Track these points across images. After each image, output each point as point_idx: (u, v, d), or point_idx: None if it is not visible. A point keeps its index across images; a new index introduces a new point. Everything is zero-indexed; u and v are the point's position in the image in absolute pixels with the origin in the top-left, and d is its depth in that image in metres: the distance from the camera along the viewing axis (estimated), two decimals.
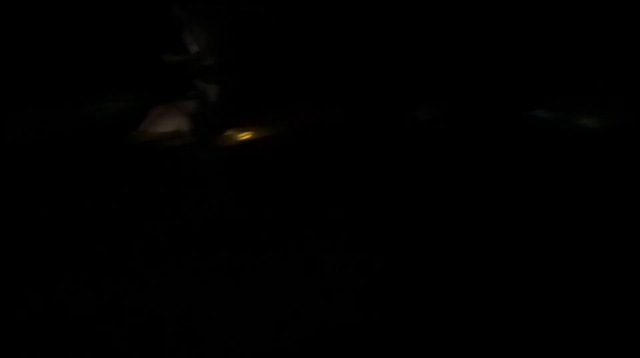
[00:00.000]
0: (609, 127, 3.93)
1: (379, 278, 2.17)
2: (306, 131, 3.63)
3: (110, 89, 3.97)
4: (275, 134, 3.57)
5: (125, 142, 3.32)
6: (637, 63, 4.26)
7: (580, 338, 1.89)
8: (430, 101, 3.80)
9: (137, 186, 2.95)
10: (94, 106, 3.76)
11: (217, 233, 2.51)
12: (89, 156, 3.25)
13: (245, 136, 3.55)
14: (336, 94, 4.07)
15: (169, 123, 3.48)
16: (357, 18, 4.24)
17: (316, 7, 4.42)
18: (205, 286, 2.11)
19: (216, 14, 3.94)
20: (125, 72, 4.02)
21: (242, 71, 4.27)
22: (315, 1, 4.43)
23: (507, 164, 3.39)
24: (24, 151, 3.22)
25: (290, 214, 2.67)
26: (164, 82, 3.94)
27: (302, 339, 1.85)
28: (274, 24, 4.41)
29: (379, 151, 3.42)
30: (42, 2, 3.78)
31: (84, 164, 3.16)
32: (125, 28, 4.12)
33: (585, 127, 3.97)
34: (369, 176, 3.08)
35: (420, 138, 3.61)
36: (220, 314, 1.95)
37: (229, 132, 3.54)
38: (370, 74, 4.12)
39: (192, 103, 3.81)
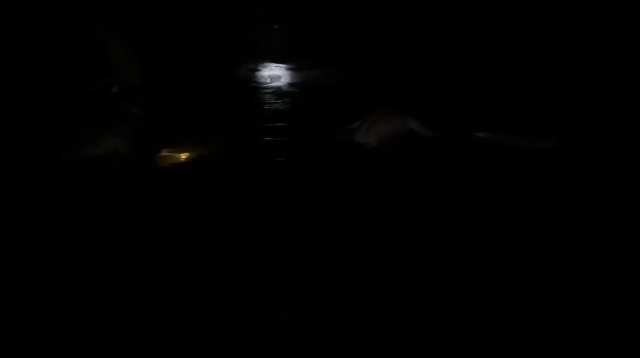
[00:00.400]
0: (545, 148, 4.08)
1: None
2: (242, 148, 3.73)
3: (40, 108, 3.97)
4: (210, 152, 3.64)
5: (59, 161, 3.39)
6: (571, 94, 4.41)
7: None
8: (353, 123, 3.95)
9: (78, 204, 3.04)
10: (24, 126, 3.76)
11: (165, 249, 2.61)
12: (25, 175, 3.32)
13: (183, 155, 3.62)
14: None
15: (105, 144, 3.54)
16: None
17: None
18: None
19: (134, 35, 3.95)
20: (50, 93, 4.01)
21: (167, 91, 4.32)
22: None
23: (454, 178, 3.50)
24: None
25: (239, 226, 2.80)
26: (89, 103, 3.94)
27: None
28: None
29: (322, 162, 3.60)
30: None
31: (21, 183, 3.24)
32: (47, 48, 4.10)
33: (523, 147, 4.10)
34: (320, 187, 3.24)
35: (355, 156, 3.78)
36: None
37: (165, 152, 3.62)
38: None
39: (124, 123, 3.83)
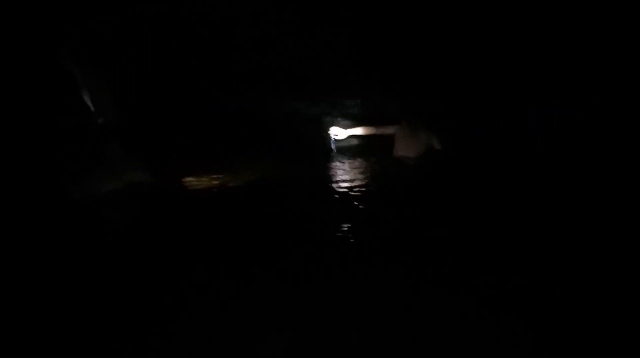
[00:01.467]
0: (544, 148, 4.32)
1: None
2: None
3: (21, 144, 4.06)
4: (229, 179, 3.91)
5: (74, 197, 3.43)
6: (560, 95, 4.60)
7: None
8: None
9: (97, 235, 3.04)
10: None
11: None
12: (39, 212, 3.32)
13: (210, 181, 3.80)
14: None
15: (122, 177, 3.65)
16: None
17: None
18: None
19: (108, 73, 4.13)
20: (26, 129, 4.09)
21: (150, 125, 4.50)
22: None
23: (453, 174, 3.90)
24: None
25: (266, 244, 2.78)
26: (69, 139, 4.05)
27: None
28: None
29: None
30: None
31: (37, 220, 3.21)
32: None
33: (524, 147, 4.34)
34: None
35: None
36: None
37: (187, 180, 3.91)
38: None
39: (136, 156, 4.03)
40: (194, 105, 5.15)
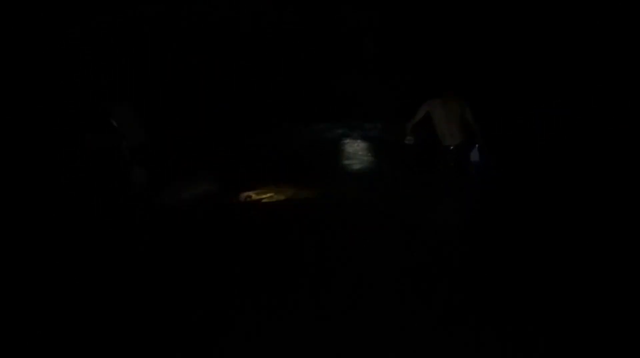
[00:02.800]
0: (545, 148, 4.33)
1: None
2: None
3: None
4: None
5: (165, 201, 4.14)
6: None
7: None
8: None
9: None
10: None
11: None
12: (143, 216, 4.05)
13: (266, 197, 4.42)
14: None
15: (200, 186, 4.44)
16: None
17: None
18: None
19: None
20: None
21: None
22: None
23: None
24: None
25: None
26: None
27: None
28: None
29: None
30: None
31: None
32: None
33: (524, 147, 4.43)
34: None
35: None
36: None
37: (251, 194, 4.44)
38: None
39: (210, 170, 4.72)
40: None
